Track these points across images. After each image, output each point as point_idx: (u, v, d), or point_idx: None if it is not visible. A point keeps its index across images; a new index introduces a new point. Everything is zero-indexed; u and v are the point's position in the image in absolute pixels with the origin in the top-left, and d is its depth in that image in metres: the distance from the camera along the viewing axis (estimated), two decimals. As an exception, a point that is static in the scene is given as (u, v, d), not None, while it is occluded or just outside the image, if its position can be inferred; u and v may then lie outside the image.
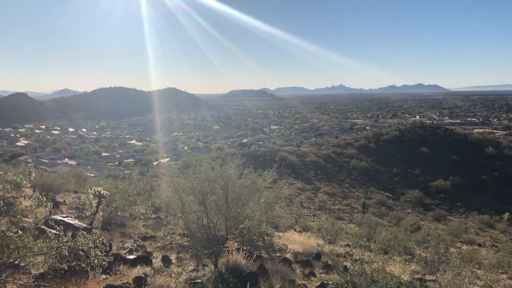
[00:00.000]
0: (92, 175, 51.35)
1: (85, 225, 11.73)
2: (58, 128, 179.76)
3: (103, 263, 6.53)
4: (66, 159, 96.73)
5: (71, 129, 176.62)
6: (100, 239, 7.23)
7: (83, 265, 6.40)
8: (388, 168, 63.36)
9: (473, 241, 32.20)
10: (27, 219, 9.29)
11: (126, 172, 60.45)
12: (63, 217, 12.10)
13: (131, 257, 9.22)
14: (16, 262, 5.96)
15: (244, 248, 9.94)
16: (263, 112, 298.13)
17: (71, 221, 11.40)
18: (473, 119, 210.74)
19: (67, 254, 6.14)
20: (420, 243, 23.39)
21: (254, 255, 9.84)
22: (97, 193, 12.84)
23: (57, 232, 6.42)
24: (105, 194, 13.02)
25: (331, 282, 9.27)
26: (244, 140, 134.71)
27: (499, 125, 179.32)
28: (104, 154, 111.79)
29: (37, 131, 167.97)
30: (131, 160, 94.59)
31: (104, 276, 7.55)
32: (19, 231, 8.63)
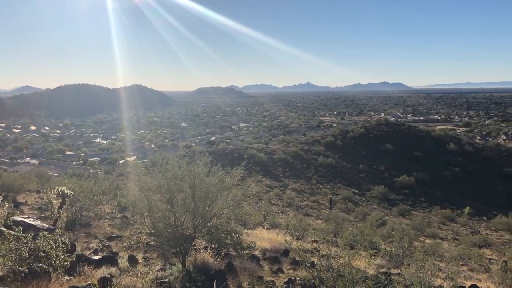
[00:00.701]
0: (55, 174, 50.06)
1: (47, 225, 11.39)
2: (19, 126, 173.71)
3: (65, 264, 6.35)
4: (28, 158, 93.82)
5: (33, 127, 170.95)
6: (62, 239, 7.03)
7: (44, 266, 6.21)
8: (354, 165, 64.49)
9: (436, 234, 33.18)
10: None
11: (91, 171, 59.15)
12: (24, 218, 11.71)
13: (96, 257, 9.03)
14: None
15: (212, 246, 9.90)
16: (232, 110, 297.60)
17: (32, 222, 11.05)
18: (435, 116, 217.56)
19: (28, 256, 5.93)
20: (385, 237, 23.94)
21: (222, 253, 9.82)
22: (60, 192, 12.50)
23: (16, 234, 6.20)
24: (68, 193, 12.69)
25: (298, 278, 9.35)
26: (213, 138, 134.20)
27: (460, 122, 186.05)
28: (68, 152, 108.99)
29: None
30: (96, 158, 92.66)
31: (68, 278, 7.35)
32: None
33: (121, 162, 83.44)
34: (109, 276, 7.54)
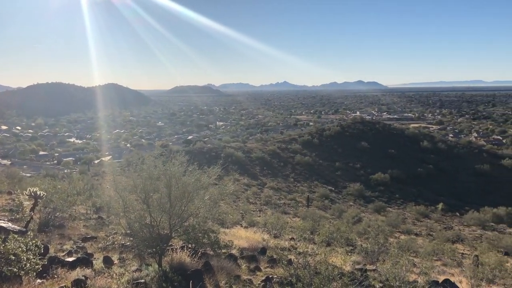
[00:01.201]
0: (28, 175, 48.82)
1: (19, 228, 11.10)
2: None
3: (36, 267, 6.19)
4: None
5: (4, 127, 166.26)
6: (34, 241, 6.86)
7: (15, 270, 6.04)
8: (330, 163, 65.07)
9: (411, 231, 33.72)
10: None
11: (65, 171, 57.97)
12: (-6, 220, 11.38)
13: (70, 259, 8.85)
14: None
15: (189, 246, 9.84)
16: (209, 108, 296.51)
17: (3, 224, 10.74)
18: (409, 114, 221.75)
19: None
20: (361, 234, 24.25)
21: (199, 253, 9.77)
22: (32, 193, 12.19)
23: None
24: (41, 194, 12.39)
25: (276, 276, 9.38)
26: (190, 137, 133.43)
27: (433, 120, 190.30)
28: (41, 153, 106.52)
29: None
30: (71, 158, 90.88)
31: (40, 281, 7.19)
32: None
33: (96, 162, 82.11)
34: (83, 278, 7.41)
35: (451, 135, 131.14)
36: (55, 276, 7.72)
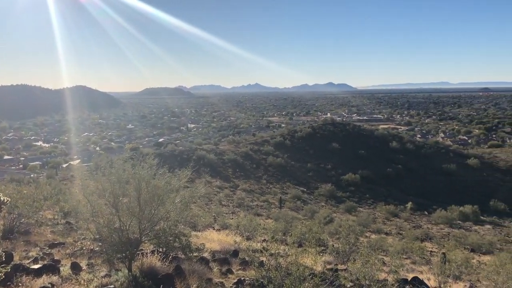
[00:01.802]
0: (-9, 180, 47.20)
1: (-19, 235, 10.72)
2: None
3: (-1, 275, 5.99)
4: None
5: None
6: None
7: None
8: (302, 164, 65.57)
9: (381, 230, 34.35)
10: None
11: (32, 175, 56.38)
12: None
13: (36, 266, 8.61)
14: None
15: (160, 250, 9.72)
16: (180, 110, 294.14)
17: (-36, 232, 10.35)
18: (378, 116, 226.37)
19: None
20: (333, 234, 24.53)
21: (170, 256, 9.67)
22: (-5, 199, 11.77)
23: None
24: (5, 200, 11.98)
25: (248, 278, 9.37)
26: (161, 140, 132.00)
27: (402, 121, 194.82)
28: (6, 157, 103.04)
29: None
30: (37, 163, 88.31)
31: (4, 290, 6.96)
32: None
33: (64, 165, 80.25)
34: (49, 285, 7.22)
35: (419, 136, 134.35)
36: (20, 284, 7.49)
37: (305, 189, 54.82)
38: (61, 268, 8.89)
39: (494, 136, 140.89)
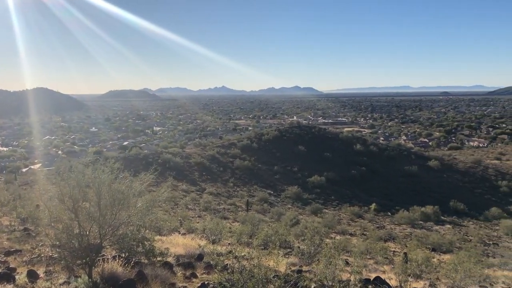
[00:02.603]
0: None
1: None
2: None
3: None
4: None
5: None
6: None
7: None
8: (269, 167, 65.85)
9: (346, 231, 34.83)
10: None
11: (-12, 181, 54.11)
12: None
13: (-11, 275, 8.25)
14: None
15: (122, 255, 9.52)
16: (145, 113, 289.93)
17: None
18: (343, 119, 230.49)
19: None
20: (298, 236, 24.70)
21: (132, 262, 9.48)
22: None
23: None
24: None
25: (212, 282, 9.30)
26: (125, 143, 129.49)
27: (365, 124, 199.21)
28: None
29: None
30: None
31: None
32: None
33: (24, 170, 77.48)
34: (3, 295, 6.92)
35: (382, 138, 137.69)
36: (-29, 294, 7.16)
37: (272, 192, 55.01)
38: (17, 277, 8.57)
39: (453, 138, 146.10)
